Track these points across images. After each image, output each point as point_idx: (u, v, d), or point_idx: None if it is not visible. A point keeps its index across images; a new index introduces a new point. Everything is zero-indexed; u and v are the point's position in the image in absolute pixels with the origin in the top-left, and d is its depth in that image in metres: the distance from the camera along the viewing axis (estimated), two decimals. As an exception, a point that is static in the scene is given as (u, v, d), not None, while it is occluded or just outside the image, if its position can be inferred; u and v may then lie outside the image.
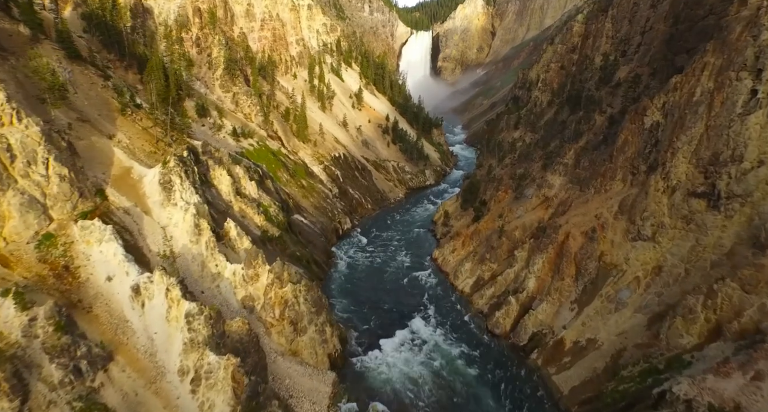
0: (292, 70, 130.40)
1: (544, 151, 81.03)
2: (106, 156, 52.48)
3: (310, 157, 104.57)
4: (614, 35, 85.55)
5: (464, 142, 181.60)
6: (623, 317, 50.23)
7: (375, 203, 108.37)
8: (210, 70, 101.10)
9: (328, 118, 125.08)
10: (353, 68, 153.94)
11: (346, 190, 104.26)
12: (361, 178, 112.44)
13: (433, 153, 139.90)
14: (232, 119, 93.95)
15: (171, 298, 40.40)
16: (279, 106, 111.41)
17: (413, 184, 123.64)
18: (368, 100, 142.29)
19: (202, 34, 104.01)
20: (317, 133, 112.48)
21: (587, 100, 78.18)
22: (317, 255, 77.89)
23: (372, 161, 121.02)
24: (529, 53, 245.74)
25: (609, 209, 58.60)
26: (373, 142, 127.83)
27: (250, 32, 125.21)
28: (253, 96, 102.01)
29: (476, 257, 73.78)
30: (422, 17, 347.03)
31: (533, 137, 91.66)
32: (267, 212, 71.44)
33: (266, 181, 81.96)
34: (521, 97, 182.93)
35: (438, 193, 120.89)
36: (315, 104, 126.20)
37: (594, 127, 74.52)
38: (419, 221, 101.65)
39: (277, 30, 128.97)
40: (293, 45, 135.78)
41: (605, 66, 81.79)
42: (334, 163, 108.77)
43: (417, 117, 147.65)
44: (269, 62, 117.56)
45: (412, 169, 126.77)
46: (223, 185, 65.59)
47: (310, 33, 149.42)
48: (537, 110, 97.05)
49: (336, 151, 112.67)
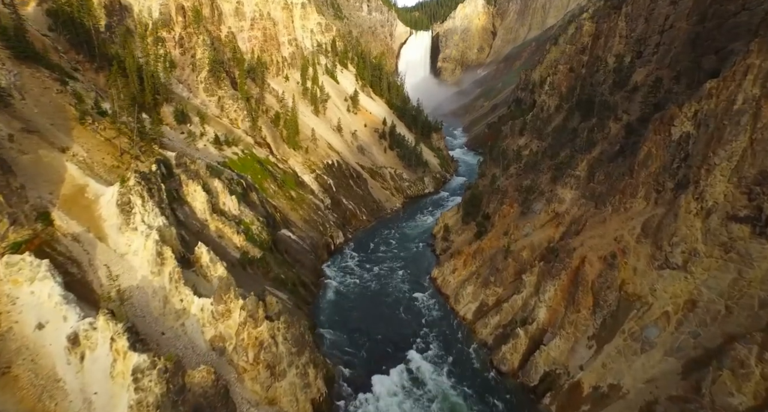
0: (284, 71, 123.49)
1: (553, 162, 74.09)
2: (55, 172, 45.57)
3: (300, 166, 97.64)
4: (629, 35, 78.57)
5: (465, 145, 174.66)
6: (652, 360, 43.29)
7: (370, 214, 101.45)
8: (194, 72, 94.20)
9: (322, 123, 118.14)
10: (349, 69, 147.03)
11: (339, 201, 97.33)
12: (356, 187, 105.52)
13: (432, 159, 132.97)
14: (216, 126, 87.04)
15: (116, 349, 33.50)
16: (268, 110, 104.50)
17: (411, 193, 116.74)
18: (364, 103, 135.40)
19: (185, 33, 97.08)
20: (309, 139, 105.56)
21: (600, 106, 71.23)
22: (305, 276, 70.96)
23: (368, 168, 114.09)
24: (531, 53, 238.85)
25: (630, 230, 51.66)
26: (369, 147, 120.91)
27: (239, 32, 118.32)
28: (240, 100, 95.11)
29: (479, 279, 66.84)
30: (422, 17, 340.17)
31: (540, 145, 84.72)
32: (249, 230, 64.51)
33: (250, 194, 75.14)
34: (524, 99, 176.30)
35: (437, 202, 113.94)
36: (308, 108, 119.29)
37: (609, 136, 67.56)
38: (417, 234, 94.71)
39: (268, 29, 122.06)
40: (285, 45, 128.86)
41: (619, 68, 74.84)
42: (326, 171, 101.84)
43: (416, 121, 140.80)
44: (259, 64, 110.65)
45: (410, 177, 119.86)
46: (198, 202, 58.68)
47: (304, 33, 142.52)
48: (544, 116, 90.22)
49: (329, 159, 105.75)
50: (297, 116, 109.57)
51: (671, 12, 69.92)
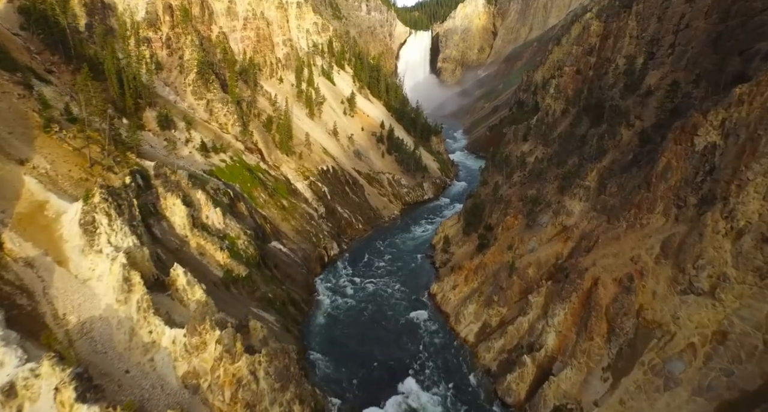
0: (278, 73, 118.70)
1: (560, 170, 69.34)
2: (10, 187, 40.83)
3: (293, 172, 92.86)
4: (640, 35, 73.76)
5: (465, 149, 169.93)
6: (677, 400, 38.53)
7: (367, 223, 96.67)
8: (181, 74, 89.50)
9: (317, 127, 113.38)
10: (346, 71, 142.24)
11: (334, 209, 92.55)
12: (352, 194, 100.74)
13: (431, 163, 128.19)
14: (204, 131, 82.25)
15: (61, 401, 28.78)
16: (261, 114, 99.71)
17: (410, 199, 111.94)
18: (362, 106, 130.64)
19: (173, 33, 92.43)
20: (303, 144, 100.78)
21: (611, 111, 66.43)
22: (296, 292, 66.21)
23: (365, 174, 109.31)
24: (533, 54, 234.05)
25: (648, 250, 46.88)
26: (366, 152, 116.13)
27: (231, 32, 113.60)
28: (230, 103, 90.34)
29: (482, 298, 62.06)
30: (421, 17, 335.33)
31: (546, 152, 79.94)
32: (234, 245, 59.77)
33: (238, 205, 70.44)
34: (526, 100, 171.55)
35: (437, 209, 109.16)
36: (302, 111, 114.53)
37: (620, 143, 62.81)
38: (416, 244, 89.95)
39: (262, 30, 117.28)
40: (279, 46, 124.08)
41: (631, 70, 70.05)
42: (321, 178, 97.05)
43: (414, 123, 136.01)
44: (251, 65, 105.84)
45: (408, 182, 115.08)
46: (177, 217, 53.93)
47: (300, 33, 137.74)
48: (549, 120, 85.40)
49: (324, 164, 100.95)
50: (290, 120, 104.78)
51: (687, 10, 65.10)
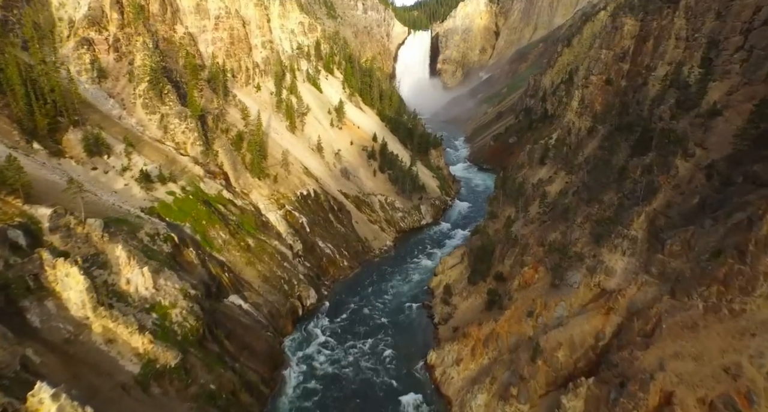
0: (255, 80, 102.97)
1: (592, 210, 53.70)
2: None
3: (266, 200, 77.27)
4: (690, 36, 58.04)
5: (467, 159, 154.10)
6: None
7: (354, 258, 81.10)
8: (131, 83, 73.88)
9: (298, 142, 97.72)
10: (335, 76, 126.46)
11: (314, 245, 76.97)
12: (337, 223, 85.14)
13: (430, 181, 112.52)
14: (152, 154, 66.66)
15: None
16: (229, 129, 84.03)
17: (405, 225, 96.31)
18: (352, 116, 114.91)
19: (122, 34, 76.92)
20: (280, 164, 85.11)
21: (662, 136, 50.67)
22: (254, 371, 50.67)
23: (353, 197, 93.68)
24: (538, 55, 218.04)
25: (753, 357, 31.32)
26: (356, 171, 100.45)
27: (200, 33, 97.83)
28: (189, 118, 74.74)
29: (495, 385, 46.51)
30: (420, 16, 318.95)
31: (570, 181, 64.26)
32: (165, 318, 44.26)
33: (185, 253, 55.01)
34: (534, 107, 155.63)
35: (436, 237, 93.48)
36: (282, 124, 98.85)
37: (677, 179, 47.18)
38: (411, 286, 74.43)
39: (237, 30, 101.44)
40: (258, 49, 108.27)
41: (684, 83, 54.31)
42: (299, 205, 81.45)
43: (411, 135, 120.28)
44: (218, 71, 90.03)
45: (404, 205, 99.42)
46: (73, 292, 38.37)
47: (283, 34, 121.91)
48: (572, 140, 69.68)
49: (304, 188, 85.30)
50: (265, 135, 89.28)
51: (764, 2, 49.37)
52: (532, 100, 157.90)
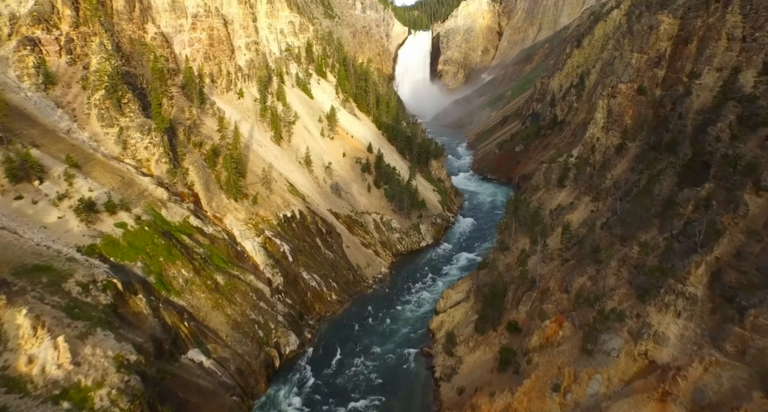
0: (237, 85, 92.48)
1: (630, 251, 43.27)
2: None
3: (242, 225, 66.89)
4: (749, 36, 47.47)
5: (471, 168, 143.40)
6: None
7: (343, 290, 70.73)
8: (85, 91, 63.45)
9: (284, 155, 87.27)
10: (328, 80, 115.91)
11: (297, 277, 66.61)
12: (325, 249, 74.71)
13: (431, 195, 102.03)
14: (104, 175, 56.26)
15: None
16: (204, 142, 73.61)
17: (403, 248, 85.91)
18: (345, 124, 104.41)
19: (77, 34, 66.47)
20: (261, 181, 74.71)
21: (723, 163, 40.08)
22: (209, 455, 40.34)
23: (344, 217, 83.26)
24: (544, 57, 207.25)
25: None
26: (348, 186, 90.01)
27: (176, 33, 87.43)
28: (154, 131, 64.30)
29: (514, 487, 36.12)
30: (421, 16, 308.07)
31: (597, 209, 53.72)
32: (82, 405, 33.81)
33: (131, 302, 44.81)
34: (542, 113, 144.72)
35: (438, 263, 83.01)
36: (266, 134, 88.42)
37: (748, 219, 36.66)
38: (408, 327, 64.04)
39: (217, 30, 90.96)
40: (241, 51, 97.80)
41: (744, 94, 43.77)
42: (282, 229, 71.06)
43: (410, 144, 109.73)
44: (193, 76, 79.46)
45: (401, 225, 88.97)
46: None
47: (271, 34, 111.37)
48: (597, 159, 59.10)
49: (288, 209, 74.88)
50: (246, 149, 78.99)
51: None
52: (540, 104, 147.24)
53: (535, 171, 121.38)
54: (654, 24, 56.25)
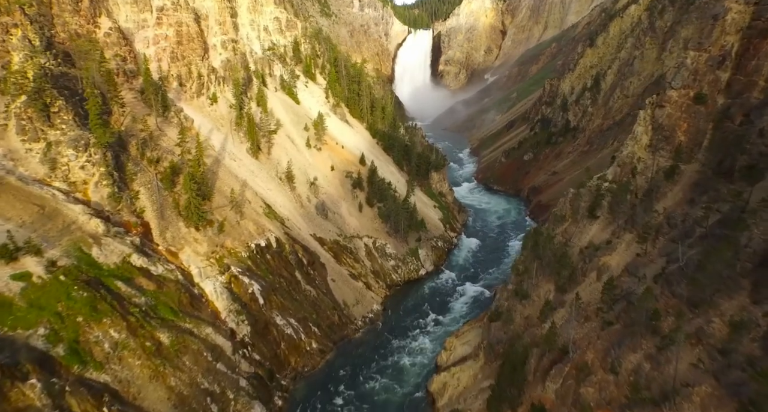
0: (211, 89, 79.99)
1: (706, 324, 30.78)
2: None
3: (203, 261, 54.47)
4: None
5: (475, 178, 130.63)
6: None
7: (326, 336, 58.35)
8: (3, 96, 51.08)
9: (262, 170, 74.81)
10: (317, 82, 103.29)
11: (270, 323, 54.22)
12: (306, 284, 62.28)
13: (431, 212, 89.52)
14: (15, 205, 43.96)
15: None
16: (161, 159, 61.09)
17: (399, 277, 73.52)
18: (335, 132, 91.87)
19: None
20: (231, 204, 62.28)
21: None
22: None
23: (330, 243, 70.87)
24: (551, 57, 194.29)
25: None
26: (336, 205, 77.58)
27: (138, 29, 74.97)
28: (94, 147, 52.02)
29: None
30: (421, 14, 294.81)
31: (644, 252, 41.12)
32: None
33: (13, 394, 32.32)
34: (552, 118, 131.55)
35: (439, 296, 70.57)
36: (241, 146, 75.96)
37: None
38: (403, 386, 51.69)
39: (187, 26, 78.49)
40: (217, 50, 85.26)
41: None
42: (253, 263, 58.60)
43: (408, 154, 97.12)
44: (151, 78, 66.88)
45: (397, 250, 76.54)
46: None
47: (253, 31, 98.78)
48: (639, 185, 46.46)
49: (263, 236, 62.44)
50: (215, 164, 66.67)
51: None
52: (549, 108, 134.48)
53: (545, 183, 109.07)
54: (718, 13, 43.50)
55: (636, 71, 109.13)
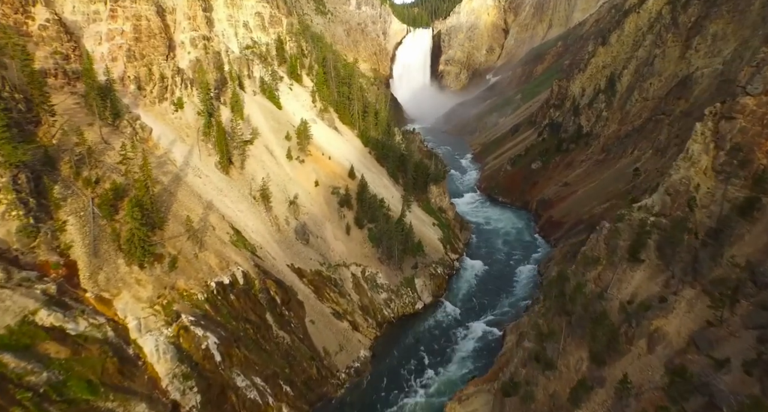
0: (176, 93, 68.60)
1: None
2: None
3: (144, 309, 43.15)
4: None
5: (477, 188, 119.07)
6: None
7: (302, 396, 47.12)
8: None
9: (232, 188, 63.45)
10: (303, 84, 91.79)
11: (227, 386, 42.92)
12: (279, 329, 51.01)
13: (429, 232, 78.18)
14: None
15: None
16: (103, 179, 49.74)
17: (392, 313, 62.25)
18: (321, 141, 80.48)
19: None
20: (189, 233, 50.96)
21: None
22: None
23: (311, 274, 59.55)
24: (557, 56, 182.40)
25: None
26: (320, 227, 66.27)
27: (89, 22, 63.65)
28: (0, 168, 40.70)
29: None
30: (421, 13, 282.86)
31: (720, 319, 29.68)
32: None
33: None
34: (564, 122, 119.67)
35: (439, 336, 59.23)
36: (209, 160, 64.60)
37: None
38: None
39: (147, 20, 67.13)
40: (185, 48, 73.90)
41: None
42: (212, 307, 47.26)
43: (405, 164, 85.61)
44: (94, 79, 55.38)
45: (390, 279, 65.23)
46: None
47: (231, 27, 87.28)
48: (700, 221, 35.07)
49: (227, 272, 51.11)
50: (169, 183, 55.31)
51: None
52: (558, 112, 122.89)
53: (557, 195, 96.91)
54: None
55: (656, 71, 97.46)
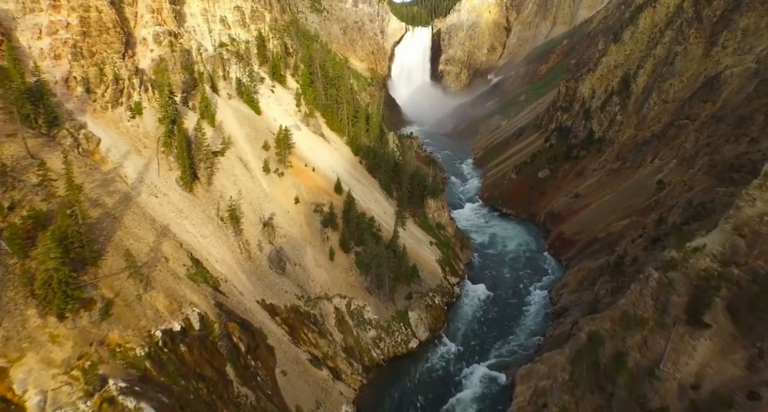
0: (133, 97, 58.76)
1: None
2: None
3: (56, 377, 33.43)
4: None
5: (479, 197, 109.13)
6: None
7: (263, 478, 37.38)
8: None
9: (195, 209, 53.62)
10: (287, 86, 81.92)
11: (162, 479, 33.16)
12: (241, 385, 41.30)
13: (426, 253, 68.37)
14: None
15: None
16: (19, 205, 40.02)
17: (381, 354, 52.54)
18: (305, 150, 70.66)
19: None
20: (130, 269, 41.22)
21: None
22: None
23: (286, 311, 49.82)
24: (563, 55, 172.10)
25: None
26: (299, 252, 56.49)
27: (25, 13, 53.90)
28: None
29: None
30: (420, 11, 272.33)
31: None
32: None
33: None
34: (573, 127, 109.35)
35: (437, 383, 49.56)
36: (169, 175, 54.77)
37: None
38: None
39: (97, 12, 57.34)
40: (147, 45, 64.05)
41: None
42: (153, 365, 37.50)
43: (399, 175, 75.77)
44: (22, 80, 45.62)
45: (380, 313, 55.49)
46: None
47: (206, 22, 77.39)
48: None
49: (179, 315, 41.41)
50: (115, 205, 45.58)
51: None
52: (567, 115, 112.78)
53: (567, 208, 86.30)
54: None
55: (677, 71, 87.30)
